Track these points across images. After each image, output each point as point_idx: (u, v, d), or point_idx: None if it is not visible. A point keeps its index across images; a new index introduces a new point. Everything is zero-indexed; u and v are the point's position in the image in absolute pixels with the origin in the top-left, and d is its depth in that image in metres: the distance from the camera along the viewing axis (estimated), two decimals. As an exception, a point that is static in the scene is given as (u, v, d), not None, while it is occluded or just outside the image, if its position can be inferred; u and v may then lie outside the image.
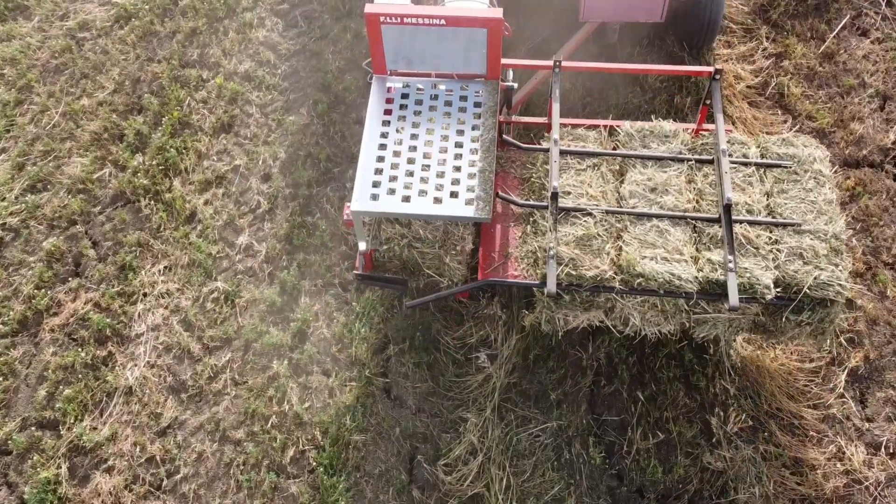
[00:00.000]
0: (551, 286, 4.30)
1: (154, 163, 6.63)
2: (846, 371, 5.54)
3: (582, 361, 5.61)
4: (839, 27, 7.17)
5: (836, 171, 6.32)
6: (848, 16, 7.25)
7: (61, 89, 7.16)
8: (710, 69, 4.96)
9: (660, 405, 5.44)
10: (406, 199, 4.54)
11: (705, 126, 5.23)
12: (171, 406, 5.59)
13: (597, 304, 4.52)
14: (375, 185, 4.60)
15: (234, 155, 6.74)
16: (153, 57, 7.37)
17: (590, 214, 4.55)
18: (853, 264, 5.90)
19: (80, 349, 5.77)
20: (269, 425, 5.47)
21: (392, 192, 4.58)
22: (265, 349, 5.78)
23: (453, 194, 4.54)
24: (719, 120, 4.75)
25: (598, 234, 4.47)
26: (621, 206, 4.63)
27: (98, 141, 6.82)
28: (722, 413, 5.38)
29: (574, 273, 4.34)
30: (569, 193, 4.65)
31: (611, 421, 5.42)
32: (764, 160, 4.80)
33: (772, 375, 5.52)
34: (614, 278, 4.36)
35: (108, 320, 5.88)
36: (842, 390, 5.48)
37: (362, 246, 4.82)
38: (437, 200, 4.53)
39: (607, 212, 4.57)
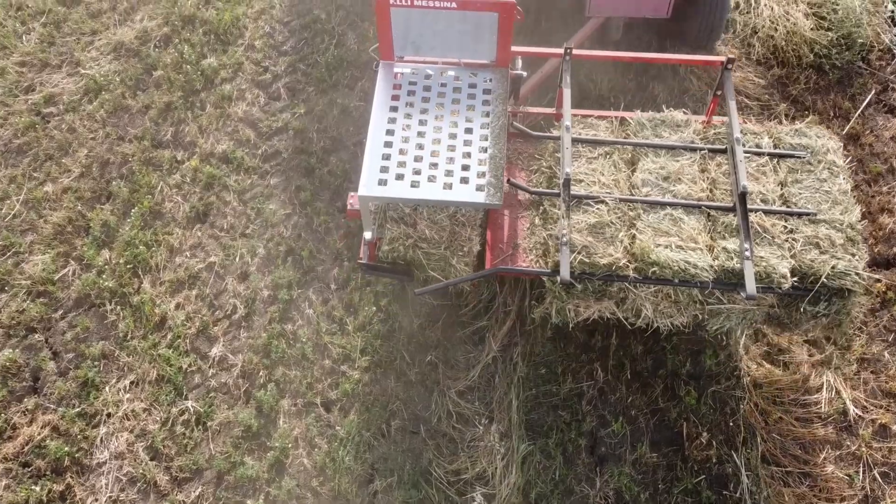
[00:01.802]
0: (565, 273, 4.21)
1: (121, 260, 6.09)
2: (881, 512, 5.01)
3: (588, 499, 5.08)
4: (864, 104, 6.63)
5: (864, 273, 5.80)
6: (873, 91, 6.71)
7: (24, 173, 6.62)
8: (722, 58, 4.89)
9: (675, 552, 4.91)
10: (415, 184, 4.45)
11: (715, 118, 5.14)
12: (134, 551, 5.06)
13: (609, 293, 4.44)
14: (383, 170, 4.51)
15: (208, 250, 6.20)
16: (124, 135, 6.83)
17: (602, 202, 4.49)
18: (887, 382, 5.38)
19: (34, 483, 5.23)
20: (241, 575, 4.93)
21: (400, 177, 4.48)
22: (239, 482, 5.24)
23: (463, 180, 4.47)
24: (732, 108, 4.70)
25: (612, 222, 4.42)
26: (634, 195, 4.57)
27: (61, 234, 6.28)
28: (744, 563, 4.85)
29: (587, 261, 4.29)
30: (580, 181, 4.61)
31: (621, 572, 4.89)
32: (777, 150, 4.76)
33: (799, 517, 4.98)
34: (628, 266, 4.29)
35: (66, 448, 5.34)
36: (877, 535, 4.94)
37: (368, 234, 4.70)
38: (447, 186, 4.44)
39: (620, 199, 4.52)
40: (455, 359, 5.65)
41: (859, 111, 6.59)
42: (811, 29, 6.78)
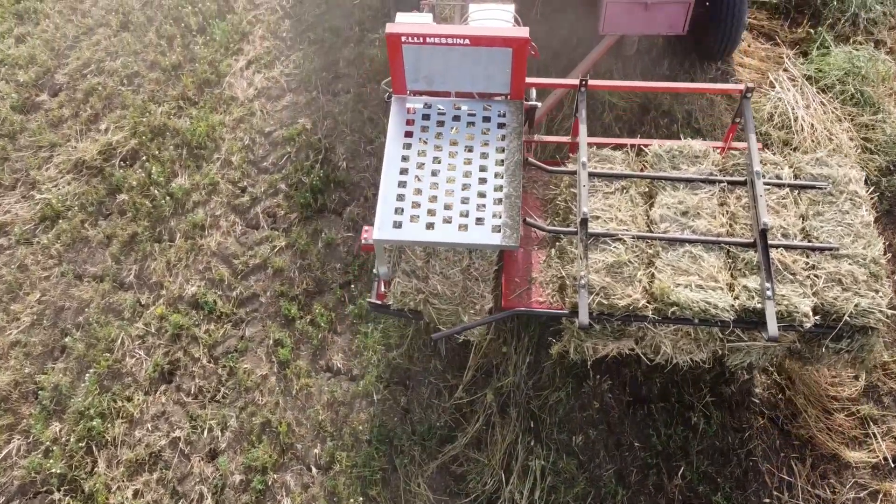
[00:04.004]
0: (583, 318, 4.07)
1: (73, 437, 5.34)
2: None
3: None
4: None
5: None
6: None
7: (-32, 322, 5.87)
8: (741, 87, 4.74)
9: None
10: (430, 226, 4.30)
11: (734, 144, 4.96)
12: None
13: (628, 332, 4.32)
14: (398, 211, 4.34)
15: (173, 421, 5.44)
16: (82, 274, 6.07)
17: (620, 240, 4.34)
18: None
19: None
20: None
21: (415, 218, 4.32)
22: None
23: (479, 221, 4.32)
24: (752, 141, 4.55)
25: (630, 261, 4.28)
26: (652, 231, 4.44)
27: (6, 401, 5.54)
28: None
29: (606, 302, 4.15)
30: (597, 218, 4.47)
31: None
32: (798, 181, 4.60)
33: None
34: (647, 307, 4.15)
35: None
36: None
37: (383, 270, 4.53)
38: (463, 228, 4.29)
39: (638, 237, 4.36)
40: (454, 565, 4.88)
41: (913, 248, 5.80)
42: (856, 151, 5.98)
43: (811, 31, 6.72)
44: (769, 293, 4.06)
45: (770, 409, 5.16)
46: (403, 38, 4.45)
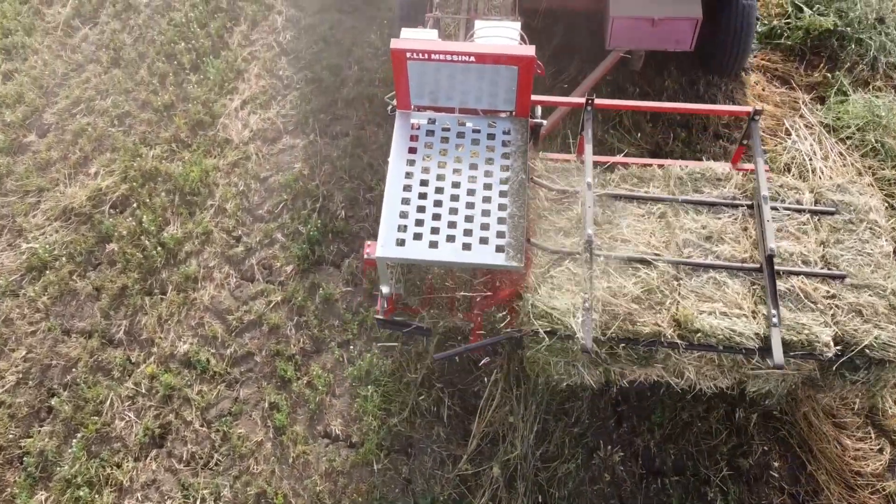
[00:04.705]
0: (588, 342, 3.98)
1: (59, 508, 5.08)
2: None
3: None
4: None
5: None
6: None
7: (-50, 382, 5.62)
8: (749, 109, 4.76)
9: None
10: (433, 244, 4.25)
11: (743, 166, 4.96)
12: None
13: (654, 359, 4.25)
14: (401, 229, 4.29)
15: (164, 490, 5.19)
16: (69, 329, 5.82)
17: (642, 262, 4.29)
18: None
19: None
20: None
21: (419, 237, 4.27)
22: None
23: (483, 240, 4.26)
24: (760, 165, 4.50)
25: (658, 288, 4.20)
26: (672, 254, 4.35)
27: (-10, 468, 5.28)
28: None
29: (630, 328, 4.07)
30: (628, 241, 4.40)
31: None
32: (810, 207, 4.54)
33: None
34: (672, 334, 4.07)
35: None
36: None
37: (385, 290, 4.49)
38: (466, 247, 4.24)
39: (647, 261, 4.29)
40: None
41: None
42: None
43: (828, 75, 6.50)
44: (775, 320, 4.01)
45: (790, 484, 4.93)
46: (408, 54, 4.41)
